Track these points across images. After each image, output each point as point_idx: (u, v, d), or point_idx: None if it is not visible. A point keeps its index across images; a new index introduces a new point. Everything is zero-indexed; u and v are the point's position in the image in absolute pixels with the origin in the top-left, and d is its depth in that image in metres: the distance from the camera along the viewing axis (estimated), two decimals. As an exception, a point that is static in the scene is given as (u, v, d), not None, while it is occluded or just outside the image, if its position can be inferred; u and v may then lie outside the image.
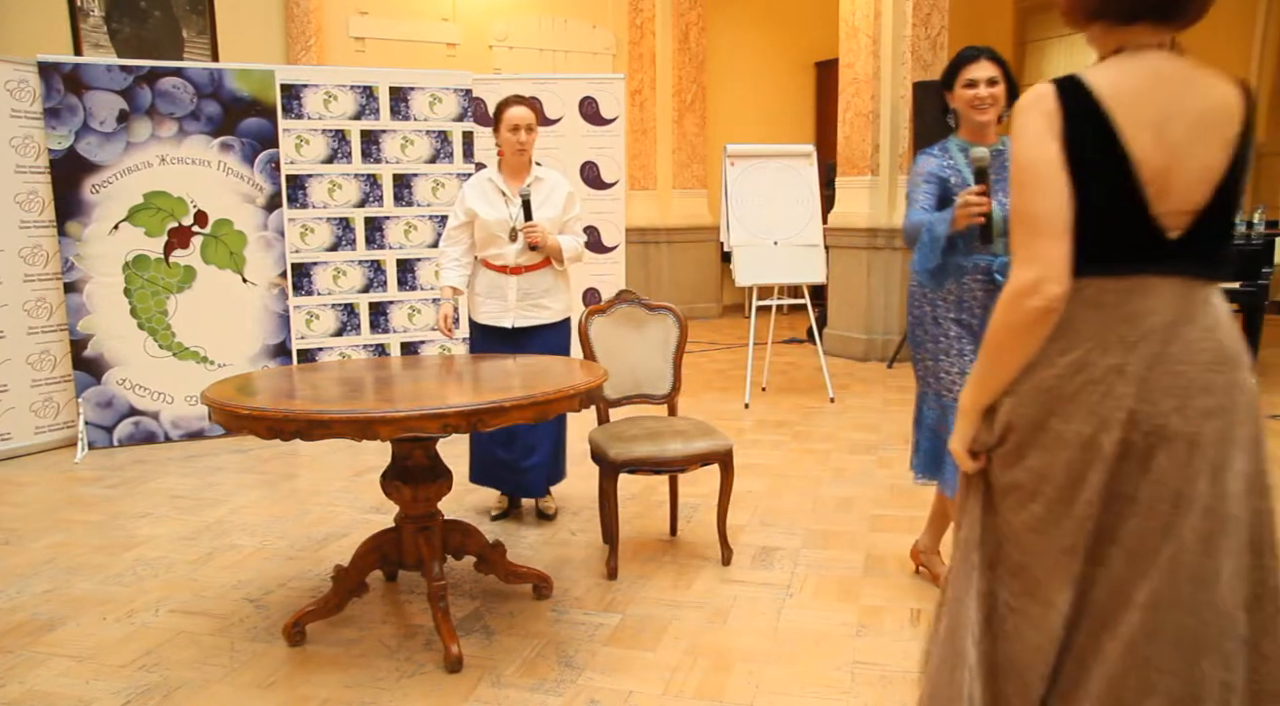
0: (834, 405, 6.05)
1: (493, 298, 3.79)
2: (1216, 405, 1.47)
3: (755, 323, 6.29)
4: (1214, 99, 1.48)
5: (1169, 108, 1.46)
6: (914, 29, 7.28)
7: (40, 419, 5.21)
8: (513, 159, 3.73)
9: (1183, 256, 1.49)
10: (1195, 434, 1.46)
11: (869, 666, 2.64)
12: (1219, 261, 1.52)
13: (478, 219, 3.74)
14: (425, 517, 2.90)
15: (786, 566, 3.38)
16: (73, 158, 5.09)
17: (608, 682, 2.58)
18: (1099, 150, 1.46)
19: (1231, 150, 1.48)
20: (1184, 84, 1.48)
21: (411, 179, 5.80)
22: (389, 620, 3.00)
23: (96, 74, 5.12)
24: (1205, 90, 1.48)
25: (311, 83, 5.58)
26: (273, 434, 2.47)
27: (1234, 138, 1.48)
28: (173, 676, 2.65)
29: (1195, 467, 1.46)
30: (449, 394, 2.86)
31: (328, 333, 5.71)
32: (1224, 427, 1.47)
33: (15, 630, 2.96)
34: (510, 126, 3.67)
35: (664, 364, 3.69)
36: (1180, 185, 1.47)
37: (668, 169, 10.45)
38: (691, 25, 10.20)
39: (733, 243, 6.18)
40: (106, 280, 5.20)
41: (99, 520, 4.04)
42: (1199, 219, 1.48)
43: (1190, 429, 1.46)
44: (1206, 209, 1.48)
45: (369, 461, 4.84)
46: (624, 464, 3.23)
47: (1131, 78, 1.49)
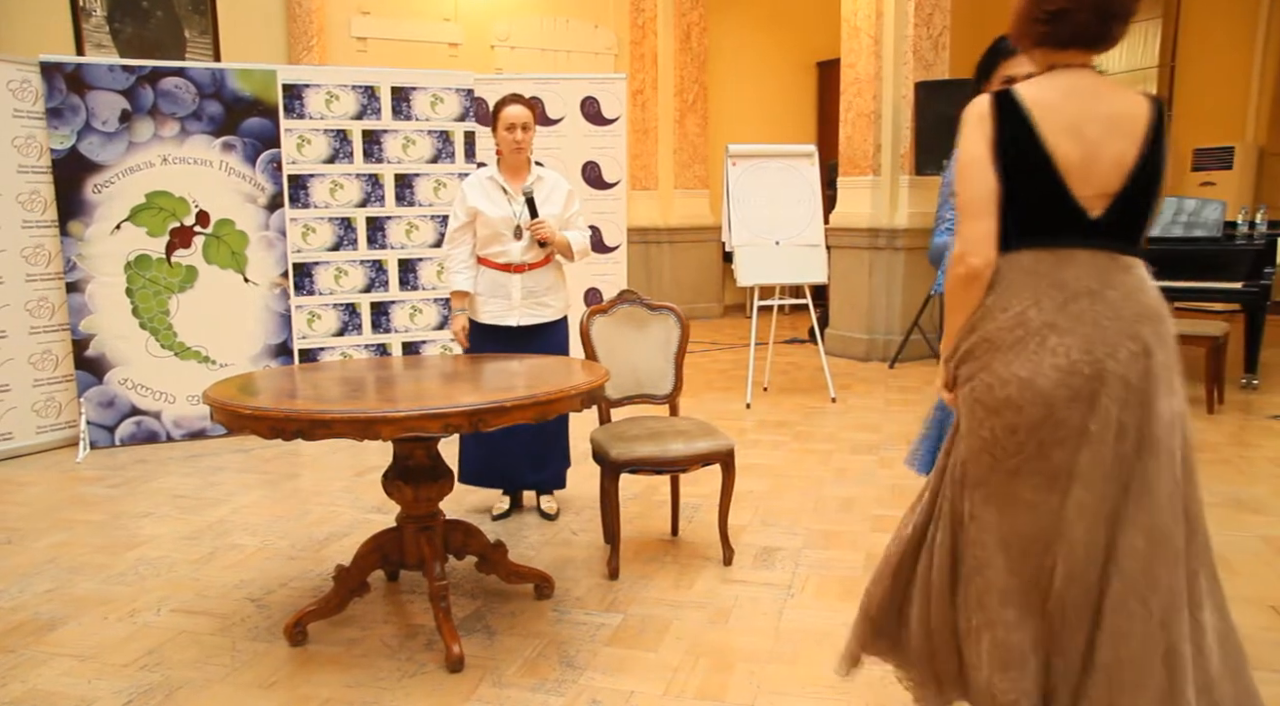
0: (836, 405, 6.05)
1: (496, 297, 3.79)
2: (1141, 350, 1.79)
3: (757, 323, 6.29)
4: (1121, 106, 1.83)
5: (1083, 113, 1.81)
6: (916, 29, 7.27)
7: (42, 418, 5.22)
8: (511, 157, 3.74)
9: (1104, 233, 1.83)
10: (1126, 374, 1.78)
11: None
12: (1137, 237, 1.85)
13: (481, 217, 3.73)
14: (427, 517, 2.91)
15: (788, 566, 3.38)
16: (75, 157, 5.09)
17: (609, 683, 2.58)
18: (1026, 148, 1.81)
19: (1140, 145, 1.81)
20: (1096, 95, 1.83)
21: (413, 179, 5.81)
22: (390, 620, 3.00)
23: (99, 74, 5.13)
24: (1113, 99, 1.83)
25: (313, 83, 5.58)
26: (275, 434, 2.47)
27: (1141, 134, 1.81)
28: (175, 676, 2.65)
29: (1130, 402, 1.78)
30: (451, 394, 2.86)
31: (329, 332, 5.72)
32: (1149, 369, 1.79)
33: (17, 629, 2.97)
34: (506, 125, 3.68)
35: (665, 364, 3.69)
36: (1098, 174, 1.80)
37: (669, 169, 10.45)
38: (693, 25, 10.20)
39: (734, 243, 6.18)
40: (108, 280, 5.21)
41: (101, 520, 4.04)
42: (1116, 201, 1.82)
43: (1122, 371, 1.78)
44: (1121, 193, 1.81)
45: (370, 461, 4.85)
46: (626, 464, 3.23)
47: (1054, 91, 1.84)
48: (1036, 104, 1.82)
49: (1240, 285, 5.98)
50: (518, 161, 3.76)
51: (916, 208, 7.48)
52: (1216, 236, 6.20)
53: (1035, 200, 1.83)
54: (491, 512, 4.00)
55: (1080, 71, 1.86)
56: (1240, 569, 3.30)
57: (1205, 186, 9.42)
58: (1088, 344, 1.79)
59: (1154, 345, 1.79)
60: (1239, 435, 5.11)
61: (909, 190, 7.47)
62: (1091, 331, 1.79)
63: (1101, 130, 1.81)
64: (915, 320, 7.28)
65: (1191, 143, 9.72)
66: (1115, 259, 1.84)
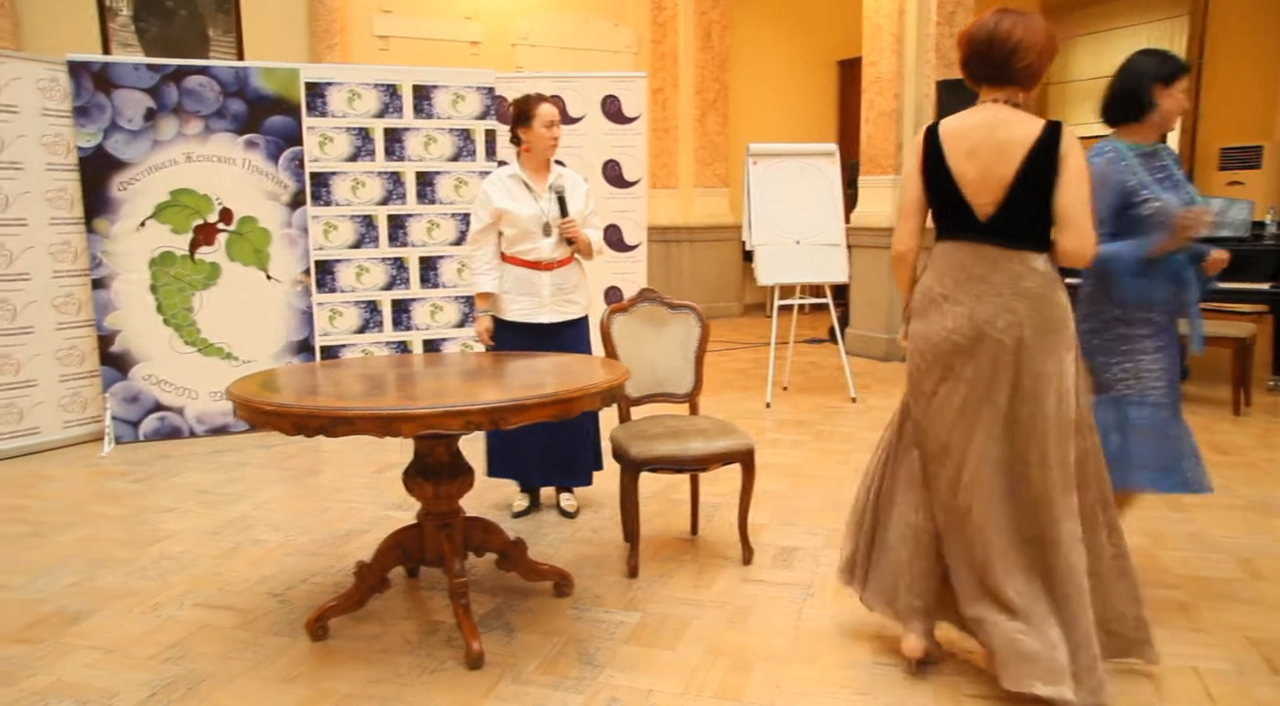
0: (855, 405, 6.03)
1: (525, 294, 3.78)
2: (1015, 321, 2.35)
3: (777, 322, 6.27)
4: (1013, 134, 2.34)
5: (981, 141, 2.37)
6: (938, 27, 7.23)
7: (68, 413, 5.28)
8: (542, 155, 3.74)
9: (992, 231, 2.39)
10: (1000, 338, 2.37)
11: (889, 667, 2.63)
12: (1026, 234, 2.37)
13: (508, 216, 3.71)
14: (447, 514, 2.92)
15: (807, 566, 3.37)
16: (101, 155, 5.15)
17: (628, 681, 2.58)
18: (937, 167, 2.44)
19: (1017, 166, 2.32)
20: (995, 126, 2.36)
21: (434, 177, 5.83)
22: (410, 616, 3.01)
23: (125, 73, 5.18)
24: (1009, 129, 2.34)
25: (335, 81, 5.61)
26: (297, 430, 2.48)
27: (1021, 157, 2.32)
28: (197, 669, 2.67)
29: (1004, 361, 2.38)
30: (471, 391, 2.87)
31: (351, 329, 5.75)
32: (1021, 337, 2.36)
33: (43, 621, 3.00)
34: (546, 122, 3.68)
35: (685, 363, 3.69)
36: (988, 188, 2.37)
37: (689, 167, 10.44)
38: (714, 24, 10.18)
39: (754, 242, 6.17)
40: (133, 276, 5.26)
41: (125, 514, 4.08)
42: (1000, 208, 2.37)
43: (999, 336, 2.37)
44: (1004, 201, 2.35)
45: (391, 458, 4.87)
46: (645, 462, 3.23)
47: (963, 123, 2.43)
48: (948, 135, 2.43)
49: (1268, 286, 5.91)
50: (545, 159, 3.76)
51: (938, 207, 7.44)
52: (1244, 236, 6.13)
53: (945, 206, 2.46)
54: (511, 509, 4.01)
55: (990, 106, 2.41)
56: (1265, 572, 3.26)
57: (1233, 186, 9.32)
58: (971, 312, 2.40)
59: (1026, 319, 2.35)
60: (1265, 437, 5.05)
61: (931, 189, 7.42)
62: (976, 304, 2.39)
63: (991, 155, 2.35)
64: (936, 320, 7.23)
65: (1219, 142, 9.62)
66: (1003, 251, 2.38)
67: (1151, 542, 3.54)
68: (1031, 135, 2.31)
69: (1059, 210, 2.32)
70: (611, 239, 6.26)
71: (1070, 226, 2.31)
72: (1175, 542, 3.55)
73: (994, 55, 2.37)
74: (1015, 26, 2.35)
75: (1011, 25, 2.35)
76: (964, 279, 2.41)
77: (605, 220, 6.21)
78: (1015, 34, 2.35)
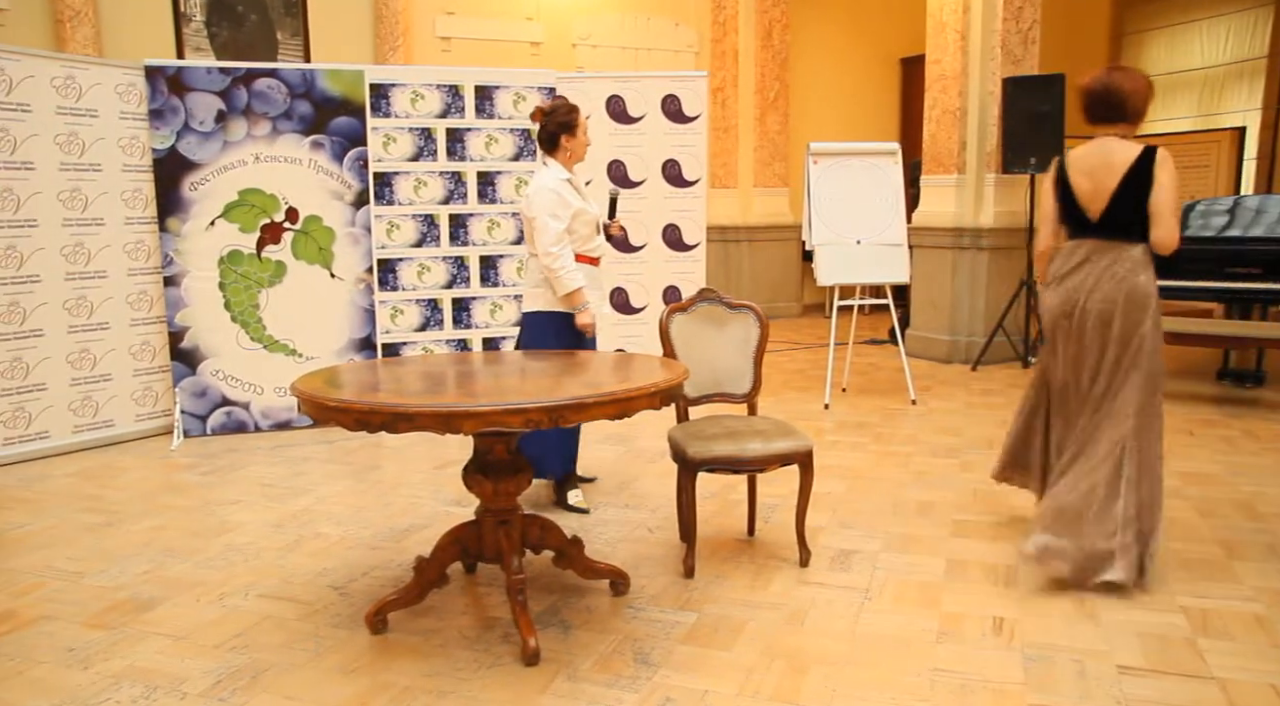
0: (916, 407, 5.94)
1: (593, 289, 4.01)
2: (1105, 297, 3.18)
3: (836, 322, 6.20)
4: (1118, 158, 3.16)
5: (1095, 164, 3.21)
6: (1004, 23, 7.09)
7: (140, 407, 5.44)
8: (580, 160, 4.04)
9: (1099, 229, 3.23)
10: (1095, 309, 3.20)
11: (949, 674, 2.58)
12: (1125, 233, 3.17)
13: (584, 215, 3.93)
14: (505, 511, 2.94)
15: (865, 569, 3.33)
16: (174, 156, 5.29)
17: (683, 681, 2.57)
18: (1063, 185, 3.30)
19: (1118, 180, 3.14)
20: (1106, 153, 3.20)
21: (495, 176, 5.88)
22: (468, 611, 3.05)
23: (197, 76, 5.32)
24: (1115, 155, 3.16)
25: (399, 82, 5.69)
26: (359, 426, 2.52)
27: (1121, 174, 3.14)
28: (261, 658, 2.73)
29: (1098, 324, 3.20)
30: (531, 389, 2.89)
31: (411, 328, 5.83)
32: (1107, 309, 3.18)
33: (118, 607, 3.10)
34: (584, 130, 3.99)
35: (744, 363, 3.67)
36: (1097, 197, 3.20)
37: (749, 167, 10.38)
38: (775, 22, 10.11)
39: (815, 241, 6.11)
40: (203, 274, 5.40)
41: (193, 505, 4.19)
42: (1105, 212, 3.19)
43: (1094, 307, 3.20)
44: (1108, 207, 3.18)
45: (450, 455, 4.93)
46: (703, 462, 3.22)
47: (1084, 151, 3.28)
48: (1071, 162, 3.30)
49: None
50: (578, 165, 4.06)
51: (1003, 206, 7.29)
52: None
53: (1068, 212, 3.31)
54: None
55: (1104, 138, 3.23)
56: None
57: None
58: (1078, 288, 3.25)
59: (1115, 294, 3.16)
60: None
61: (995, 189, 7.28)
62: (1082, 281, 3.24)
63: (1102, 173, 3.18)
64: (999, 322, 7.10)
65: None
66: (1107, 243, 3.21)
67: (1226, 553, 3.43)
68: (1131, 157, 3.13)
69: (1151, 211, 3.10)
70: (671, 238, 6.26)
71: (1158, 223, 3.11)
72: (1253, 553, 3.43)
73: (1108, 102, 3.19)
74: (1124, 80, 3.18)
75: (1120, 79, 3.18)
76: (1076, 264, 3.26)
77: (664, 219, 6.25)
78: (1125, 86, 3.17)
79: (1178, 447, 4.82)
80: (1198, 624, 2.86)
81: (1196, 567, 3.30)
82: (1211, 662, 2.61)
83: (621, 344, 6.15)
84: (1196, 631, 2.81)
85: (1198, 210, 6.58)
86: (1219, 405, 5.83)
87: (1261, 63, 9.72)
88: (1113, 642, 2.74)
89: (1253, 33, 9.85)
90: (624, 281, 6.22)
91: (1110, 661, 2.63)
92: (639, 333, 6.18)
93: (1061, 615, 2.93)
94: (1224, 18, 10.19)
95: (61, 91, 5.02)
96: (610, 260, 6.04)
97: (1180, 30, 10.68)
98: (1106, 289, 3.16)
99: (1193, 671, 2.57)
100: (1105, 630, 2.82)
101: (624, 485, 4.39)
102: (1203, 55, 10.46)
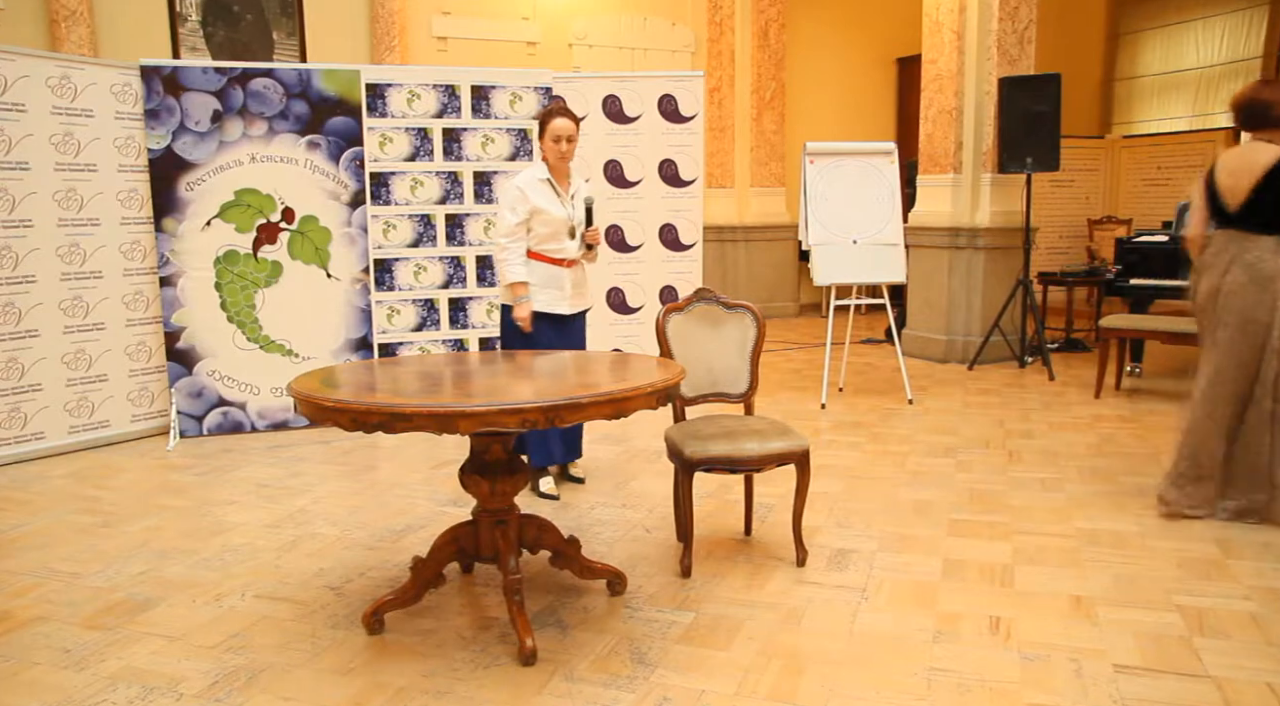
0: (912, 407, 5.95)
1: (549, 288, 4.12)
2: (1248, 279, 3.64)
3: (833, 322, 6.21)
4: (1260, 159, 3.62)
5: (1239, 165, 3.68)
6: (1000, 23, 7.10)
7: (136, 407, 5.43)
8: (558, 164, 4.08)
9: (1237, 221, 3.69)
10: (1238, 289, 3.66)
11: (946, 673, 2.59)
12: (1261, 224, 3.63)
13: (543, 215, 4.03)
14: (502, 511, 2.93)
15: (862, 569, 3.33)
16: (170, 156, 5.28)
17: (680, 681, 2.57)
18: (1211, 183, 3.76)
19: (1255, 178, 3.61)
20: (1249, 154, 3.66)
21: (491, 176, 5.88)
22: (465, 612, 3.04)
23: (193, 76, 5.31)
24: (1258, 156, 3.63)
25: (395, 82, 5.69)
26: (356, 426, 2.52)
27: (1260, 173, 3.60)
28: (258, 659, 2.73)
29: (1246, 302, 3.65)
30: (527, 389, 2.89)
31: (408, 327, 5.82)
32: (1250, 289, 3.64)
33: (113, 608, 3.09)
34: (554, 137, 4.00)
35: (741, 363, 3.67)
36: (1237, 193, 3.67)
37: (746, 167, 10.39)
38: (771, 22, 10.12)
39: (811, 241, 6.11)
40: (199, 274, 5.39)
41: (189, 506, 4.19)
42: (1242, 207, 3.66)
43: (1238, 288, 3.66)
44: (1245, 202, 3.65)
45: (446, 455, 4.92)
46: (699, 462, 3.22)
47: (1231, 153, 3.78)
48: (1219, 163, 3.77)
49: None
50: (564, 167, 4.11)
51: (999, 206, 7.30)
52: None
53: (1213, 207, 3.77)
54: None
55: (1252, 142, 3.71)
56: (1344, 585, 3.14)
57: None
58: (1223, 272, 3.70)
59: (1249, 279, 3.64)
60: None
61: (991, 189, 7.29)
62: (1222, 268, 3.71)
63: (1244, 172, 3.64)
64: (996, 321, 7.11)
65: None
66: (1243, 234, 3.68)
67: (1222, 552, 3.44)
68: (1272, 159, 3.58)
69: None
70: (667, 238, 6.25)
71: None
72: (1248, 552, 3.44)
73: (1255, 111, 3.68)
74: (1268, 92, 3.67)
75: (1265, 91, 3.68)
76: (1217, 252, 3.74)
77: (660, 219, 6.24)
78: (1269, 97, 3.64)
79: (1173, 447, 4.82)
80: (1194, 622, 2.86)
81: (1194, 566, 3.30)
82: (1208, 661, 2.62)
83: (618, 344, 6.16)
84: (1192, 630, 2.81)
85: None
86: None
87: (1257, 62, 9.74)
88: (1109, 641, 2.75)
89: (1248, 32, 9.88)
90: (621, 281, 6.21)
91: (1107, 660, 2.64)
92: (635, 332, 6.18)
93: (1058, 614, 2.94)
94: (1219, 17, 10.22)
95: (57, 91, 5.01)
96: (606, 260, 6.07)
97: (1176, 30, 10.70)
98: (1241, 273, 3.64)
99: (1189, 670, 2.57)
100: (1102, 629, 2.83)
101: (621, 485, 4.39)
102: (1198, 55, 10.48)
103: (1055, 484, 4.28)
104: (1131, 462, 4.60)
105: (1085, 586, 3.14)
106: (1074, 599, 3.04)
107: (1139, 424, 5.38)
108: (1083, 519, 3.81)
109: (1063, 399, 6.09)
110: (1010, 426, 5.39)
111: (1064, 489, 4.21)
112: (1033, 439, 5.10)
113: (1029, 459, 4.71)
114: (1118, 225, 10.14)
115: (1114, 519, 3.81)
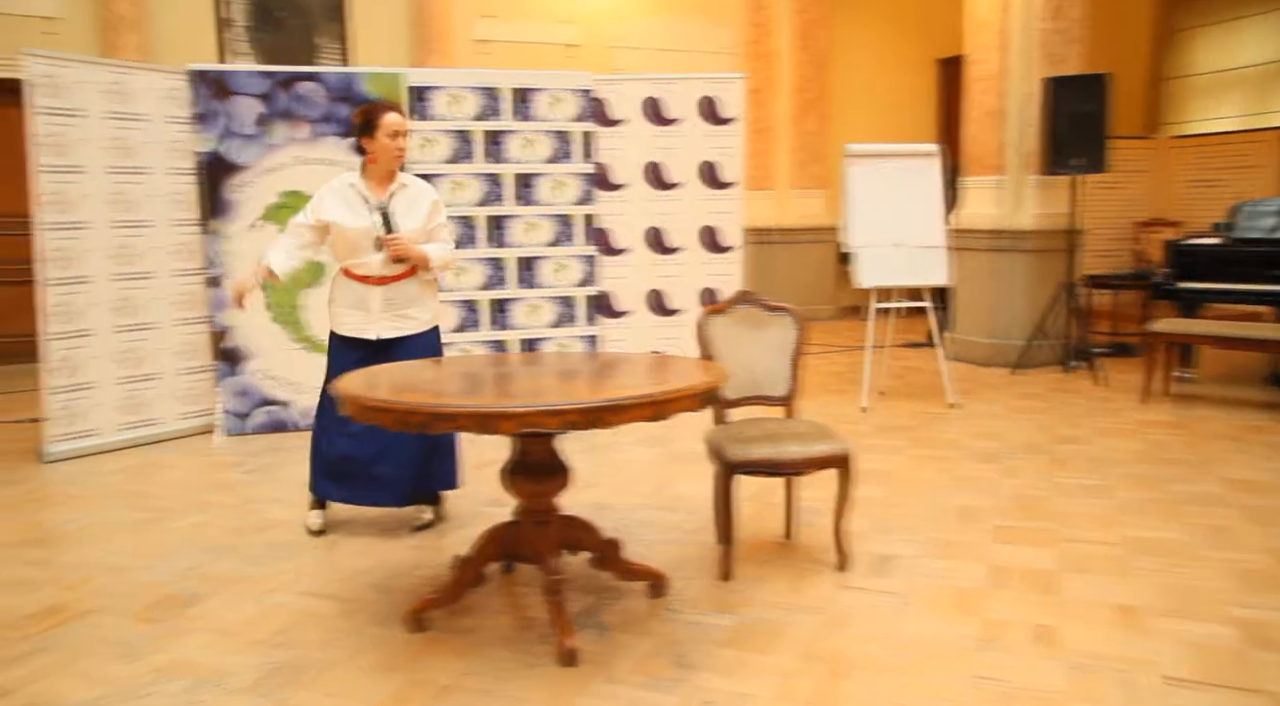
0: (955, 411, 5.88)
1: (355, 309, 3.72)
2: None
3: (874, 325, 6.16)
4: None
5: None
6: (1045, 22, 6.99)
7: (185, 405, 5.53)
8: (387, 166, 3.65)
9: None
10: None
11: (992, 681, 2.55)
12: None
13: (337, 227, 3.63)
14: (544, 512, 2.95)
15: (905, 575, 3.29)
16: (217, 159, 5.37)
17: (722, 684, 2.56)
18: None
19: None
20: None
21: (533, 178, 5.91)
22: (506, 611, 3.06)
23: (240, 80, 5.40)
24: None
25: (438, 85, 5.74)
26: (399, 425, 2.54)
27: None
28: (302, 655, 2.76)
29: None
30: (569, 390, 2.90)
31: (449, 329, 5.86)
32: None
33: (163, 602, 3.15)
34: (391, 132, 3.57)
35: (782, 365, 3.65)
36: None
37: (786, 169, 10.34)
38: (812, 23, 10.06)
39: (853, 244, 6.07)
40: (246, 275, 5.47)
41: (235, 503, 4.25)
42: None
43: None
44: None
45: (487, 455, 4.93)
46: (741, 465, 3.21)
47: None
48: None
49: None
50: (389, 171, 3.67)
51: (1044, 209, 7.19)
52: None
53: None
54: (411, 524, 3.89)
55: None
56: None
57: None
58: None
59: None
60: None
61: (1036, 190, 7.19)
62: None
63: None
64: (1041, 324, 7.01)
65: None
66: None
67: (1278, 563, 3.35)
68: None
69: None
70: (707, 240, 6.24)
71: None
72: None
73: None
74: None
75: None
76: None
77: (701, 221, 6.21)
78: None
79: (1225, 454, 4.73)
80: (1249, 635, 2.80)
81: (1248, 577, 3.23)
82: (1265, 676, 2.56)
83: (658, 346, 6.15)
84: (1248, 643, 2.75)
85: (1244, 211, 6.45)
86: (1268, 411, 5.71)
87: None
88: (1160, 652, 2.69)
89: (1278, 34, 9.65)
90: (661, 283, 6.21)
91: (1157, 671, 2.58)
92: (675, 334, 6.17)
93: (1106, 623, 2.89)
94: (1275, 13, 9.98)
95: (111, 97, 5.12)
96: (647, 262, 6.08)
97: (1230, 27, 10.47)
98: None
99: (1244, 684, 2.51)
100: (1152, 639, 2.77)
101: (661, 487, 4.39)
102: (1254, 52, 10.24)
103: (1102, 490, 4.21)
104: (1181, 470, 4.51)
105: (1134, 595, 3.08)
106: (1122, 608, 2.99)
107: (1188, 431, 5.27)
108: (1131, 527, 3.74)
109: (1110, 404, 5.98)
110: (1056, 431, 5.30)
111: (1111, 496, 4.13)
112: (1079, 444, 5.02)
113: (1075, 465, 4.63)
114: (1166, 227, 9.94)
115: (1163, 527, 3.73)
